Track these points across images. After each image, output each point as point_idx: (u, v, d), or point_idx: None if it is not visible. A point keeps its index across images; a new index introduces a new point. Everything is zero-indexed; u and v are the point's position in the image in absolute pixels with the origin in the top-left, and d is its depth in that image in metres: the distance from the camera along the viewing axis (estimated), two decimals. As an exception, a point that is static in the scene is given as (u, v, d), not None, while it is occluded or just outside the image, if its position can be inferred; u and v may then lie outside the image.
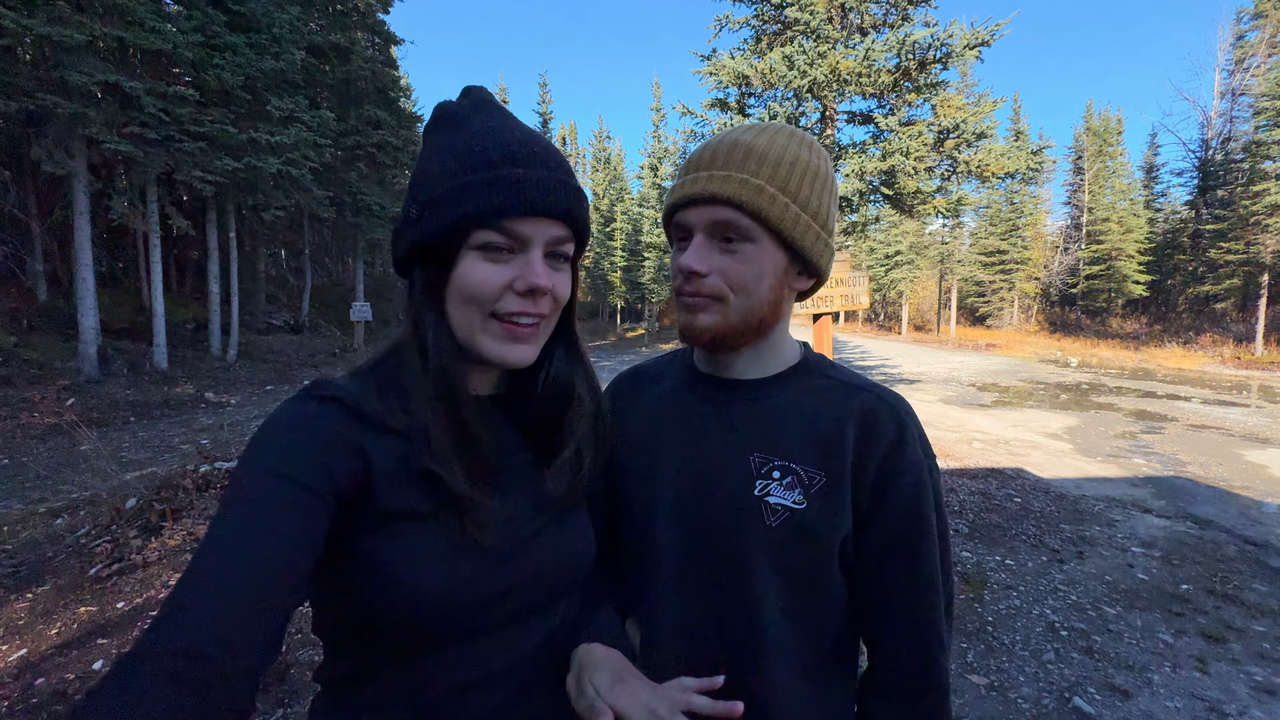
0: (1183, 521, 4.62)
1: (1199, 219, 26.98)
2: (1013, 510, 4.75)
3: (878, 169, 6.85)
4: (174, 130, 10.20)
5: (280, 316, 16.78)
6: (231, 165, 10.96)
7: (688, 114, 7.75)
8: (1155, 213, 31.65)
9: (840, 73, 6.37)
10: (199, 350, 12.91)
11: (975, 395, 11.67)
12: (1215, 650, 2.83)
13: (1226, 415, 9.53)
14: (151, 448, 6.75)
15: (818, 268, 0.73)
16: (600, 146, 39.05)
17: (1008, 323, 32.32)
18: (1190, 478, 5.92)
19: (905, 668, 0.70)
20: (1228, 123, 26.99)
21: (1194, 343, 22.77)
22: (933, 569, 0.69)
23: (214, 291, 12.76)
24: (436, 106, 0.67)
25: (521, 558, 0.64)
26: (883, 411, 0.71)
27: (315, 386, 0.60)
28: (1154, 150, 33.11)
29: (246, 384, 11.66)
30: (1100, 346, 23.49)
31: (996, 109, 7.07)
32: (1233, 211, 21.80)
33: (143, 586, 3.23)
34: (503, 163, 0.60)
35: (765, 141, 0.69)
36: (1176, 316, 28.11)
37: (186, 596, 0.45)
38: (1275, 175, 19.18)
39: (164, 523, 3.75)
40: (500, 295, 0.61)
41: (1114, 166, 31.33)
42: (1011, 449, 7.01)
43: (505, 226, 0.60)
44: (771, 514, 0.69)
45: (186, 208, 13.20)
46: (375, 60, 17.02)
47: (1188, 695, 2.49)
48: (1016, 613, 3.18)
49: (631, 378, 0.91)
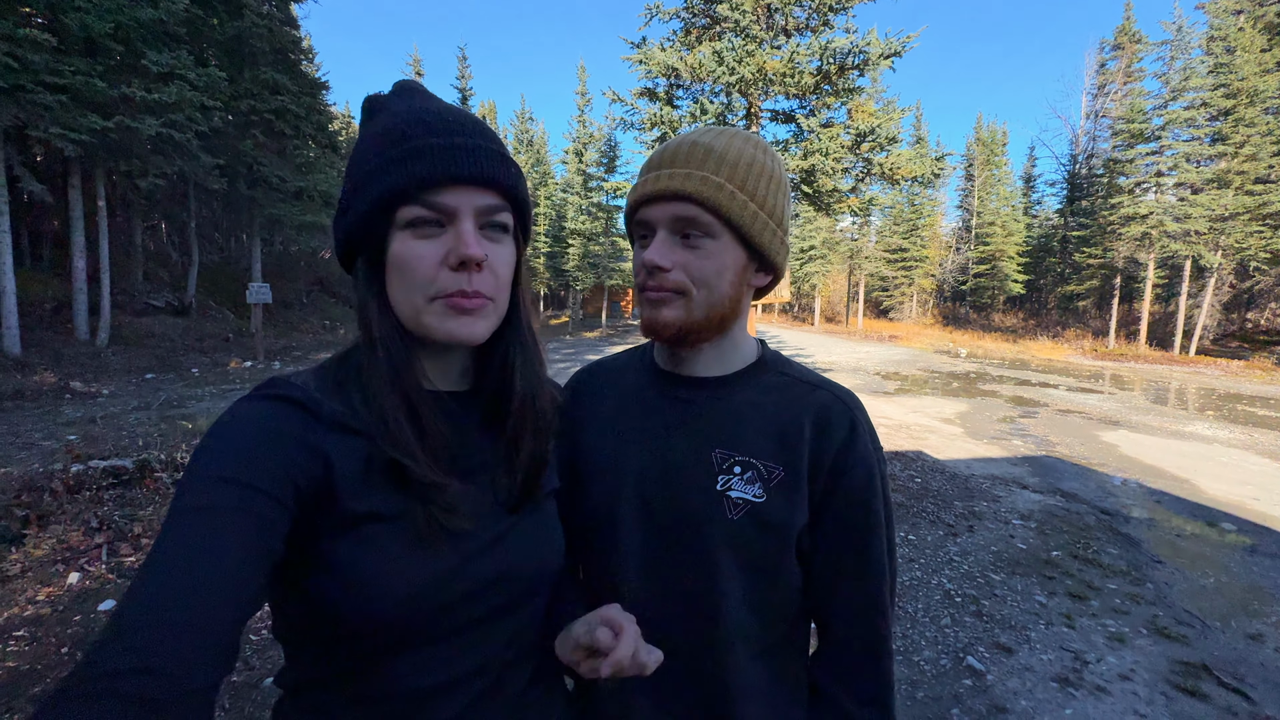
0: (1053, 495, 5.23)
1: (1067, 226, 30.41)
2: (914, 489, 5.17)
3: (799, 167, 7.15)
4: (26, 79, 8.85)
5: (161, 296, 15.06)
6: (100, 124, 9.67)
7: (617, 101, 7.71)
8: (1032, 219, 35.35)
9: (766, 72, 6.56)
10: (61, 333, 11.39)
11: (880, 383, 12.55)
12: (1079, 607, 3.24)
13: (1086, 401, 10.85)
14: (4, 445, 5.90)
15: (775, 264, 0.75)
16: (523, 128, 37.98)
17: (908, 315, 34.98)
18: (1059, 456, 6.70)
19: (854, 646, 0.75)
20: (1092, 140, 30.54)
21: (1061, 336, 25.73)
22: (880, 554, 0.74)
23: (79, 266, 11.27)
24: (365, 100, 0.66)
25: (488, 558, 0.62)
26: (837, 408, 0.75)
27: (269, 385, 0.57)
28: (1032, 162, 36.95)
29: (122, 372, 10.44)
30: (986, 339, 25.97)
31: (904, 116, 7.59)
32: (1094, 220, 24.74)
33: (2, 605, 2.84)
34: (419, 134, 0.58)
35: (724, 143, 0.71)
36: (1048, 313, 31.61)
37: (132, 613, 0.43)
38: (1128, 190, 21.89)
39: (26, 530, 3.31)
40: (436, 274, 0.58)
41: (999, 175, 34.62)
42: (912, 433, 7.62)
43: (427, 199, 0.57)
44: (733, 508, 0.71)
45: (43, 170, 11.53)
46: (272, 17, 15.42)
47: (1058, 648, 2.84)
48: (918, 584, 3.48)
49: (591, 374, 0.91)
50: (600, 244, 27.36)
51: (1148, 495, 5.35)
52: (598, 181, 27.02)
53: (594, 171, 27.70)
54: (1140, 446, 7.28)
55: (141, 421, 7.06)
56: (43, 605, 2.84)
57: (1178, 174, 20.43)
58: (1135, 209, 20.88)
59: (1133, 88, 25.41)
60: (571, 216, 27.83)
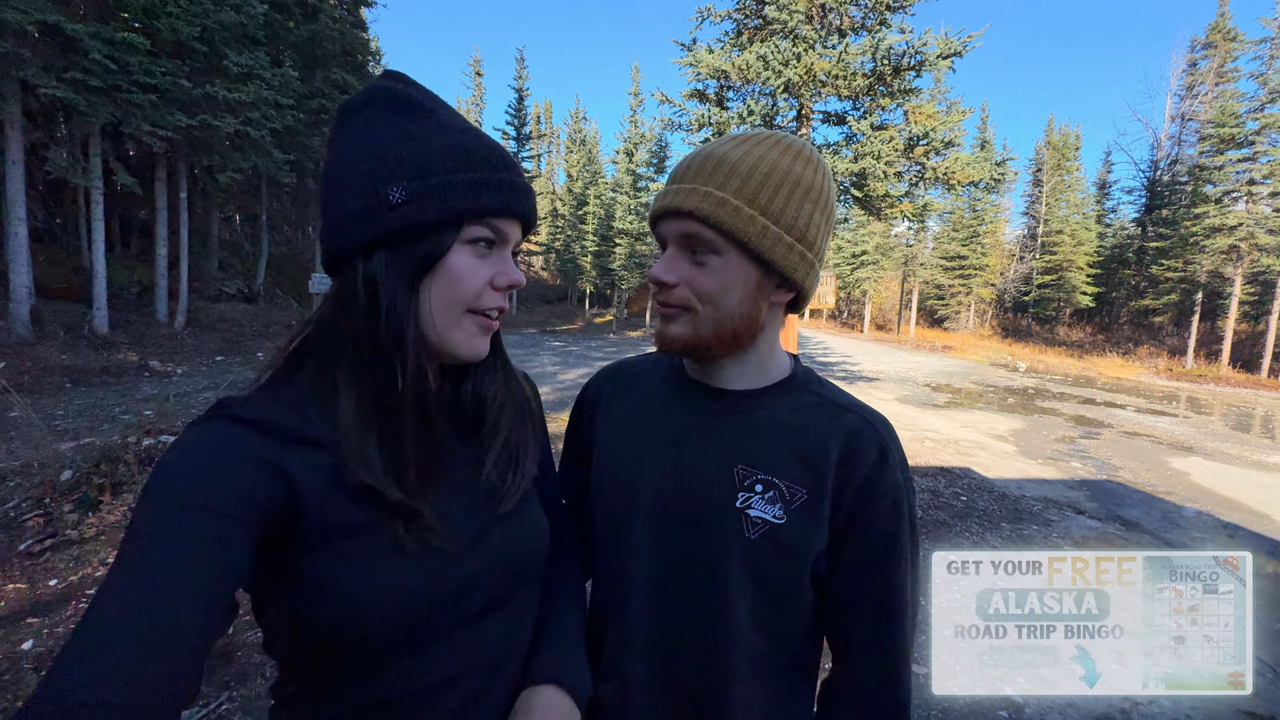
0: (1112, 523, 4.92)
1: (1144, 236, 28.46)
2: (959, 508, 4.96)
3: (849, 170, 6.96)
4: (121, 80, 9.57)
5: (233, 284, 16.04)
6: (185, 121, 10.36)
7: (666, 102, 7.70)
8: (1105, 228, 33.22)
9: (815, 73, 6.43)
10: (144, 315, 12.26)
11: (929, 395, 12.09)
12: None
13: (1157, 424, 10.14)
14: (89, 416, 6.41)
15: (793, 280, 0.71)
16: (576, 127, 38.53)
17: (964, 326, 33.53)
18: (1121, 482, 6.29)
19: (869, 679, 0.73)
20: (1176, 145, 28.46)
21: (1133, 353, 24.11)
22: (902, 587, 0.72)
23: (161, 254, 12.12)
24: (380, 87, 0.63)
25: (471, 557, 0.63)
26: (866, 434, 0.72)
27: (220, 406, 0.57)
28: (1108, 167, 34.67)
29: (195, 353, 11.16)
30: (1048, 353, 24.62)
31: (965, 118, 7.29)
32: (1175, 231, 23.05)
33: (78, 564, 3.09)
34: (499, 166, 0.63)
35: (741, 153, 0.69)
36: (1119, 328, 29.68)
37: (88, 642, 0.42)
38: (1215, 199, 20.33)
39: (102, 497, 3.58)
40: (482, 290, 0.63)
41: (1070, 181, 32.66)
42: (960, 449, 7.31)
43: (495, 225, 0.63)
44: (751, 526, 0.70)
45: (134, 164, 12.46)
46: (344, 21, 16.24)
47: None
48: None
49: (614, 374, 0.91)
50: (647, 244, 27.44)
51: (1220, 529, 4.97)
52: (646, 182, 27.10)
53: (643, 172, 27.80)
54: (1215, 475, 6.76)
55: (209, 401, 7.52)
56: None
57: (1273, 182, 18.84)
58: (1223, 219, 19.37)
59: (1225, 89, 23.53)
60: (620, 216, 28.00)
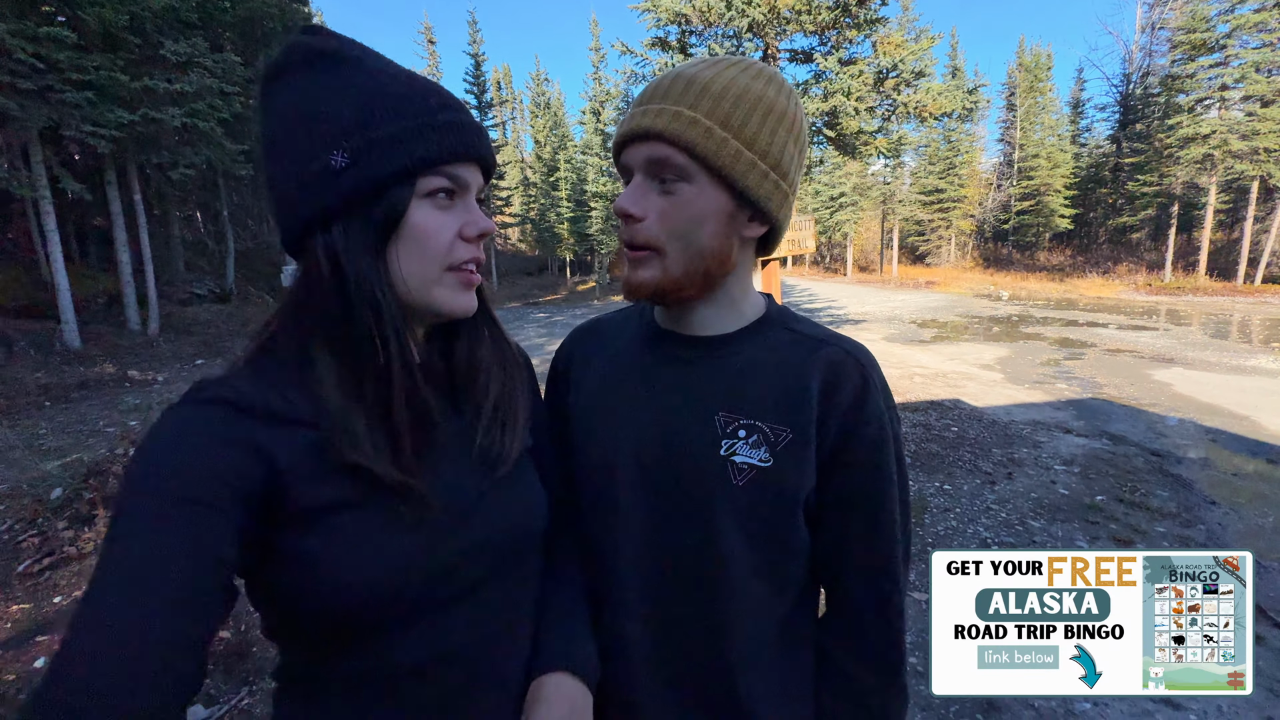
0: (1099, 439, 5.04)
1: (1119, 153, 28.36)
2: (950, 439, 5.06)
3: (820, 110, 6.80)
4: (53, 79, 9.05)
5: (203, 285, 15.63)
6: (127, 118, 9.86)
7: (628, 53, 7.43)
8: (1080, 148, 32.98)
9: (780, 10, 6.19)
10: (115, 325, 11.95)
11: (916, 332, 12.19)
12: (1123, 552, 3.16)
13: (1138, 339, 10.33)
14: (73, 433, 6.30)
15: (767, 212, 0.67)
16: (539, 90, 37.25)
17: (945, 260, 33.58)
18: (1106, 398, 6.43)
19: (864, 611, 0.72)
20: (1147, 57, 28.09)
21: (1112, 272, 24.38)
22: (892, 517, 0.70)
23: (123, 261, 11.73)
24: (297, 43, 0.58)
25: (467, 526, 0.61)
26: (847, 364, 0.70)
27: (196, 389, 0.55)
28: (1080, 86, 34.20)
29: (173, 359, 10.95)
30: (1030, 279, 24.84)
31: (935, 44, 7.10)
32: (1149, 144, 22.99)
33: (79, 579, 3.08)
34: (440, 108, 0.58)
35: (712, 74, 0.64)
36: (1097, 248, 29.87)
37: (81, 640, 0.43)
38: (1188, 108, 20.22)
39: (96, 511, 3.55)
40: (452, 245, 0.59)
41: (1044, 103, 32.22)
42: (949, 381, 7.42)
43: (450, 172, 0.58)
44: (738, 473, 0.68)
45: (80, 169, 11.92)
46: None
47: (1100, 593, 2.79)
48: (954, 533, 3.43)
49: (588, 332, 0.87)
50: (623, 205, 26.95)
51: (1203, 434, 5.12)
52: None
53: (612, 131, 27.09)
54: (1196, 384, 6.93)
55: (194, 405, 7.43)
56: (115, 579, 3.07)
57: (1245, 86, 18.73)
58: (1196, 128, 19.33)
59: (1195, -7, 23.15)
60: (593, 179, 27.40)
